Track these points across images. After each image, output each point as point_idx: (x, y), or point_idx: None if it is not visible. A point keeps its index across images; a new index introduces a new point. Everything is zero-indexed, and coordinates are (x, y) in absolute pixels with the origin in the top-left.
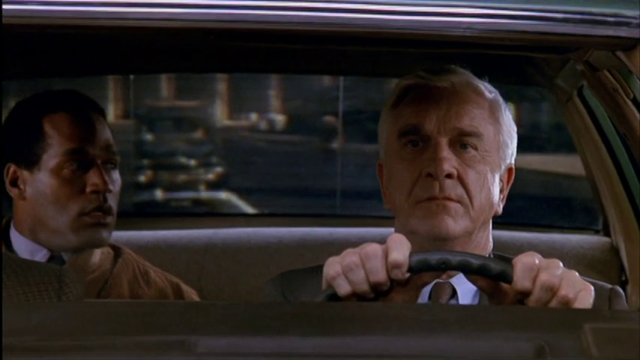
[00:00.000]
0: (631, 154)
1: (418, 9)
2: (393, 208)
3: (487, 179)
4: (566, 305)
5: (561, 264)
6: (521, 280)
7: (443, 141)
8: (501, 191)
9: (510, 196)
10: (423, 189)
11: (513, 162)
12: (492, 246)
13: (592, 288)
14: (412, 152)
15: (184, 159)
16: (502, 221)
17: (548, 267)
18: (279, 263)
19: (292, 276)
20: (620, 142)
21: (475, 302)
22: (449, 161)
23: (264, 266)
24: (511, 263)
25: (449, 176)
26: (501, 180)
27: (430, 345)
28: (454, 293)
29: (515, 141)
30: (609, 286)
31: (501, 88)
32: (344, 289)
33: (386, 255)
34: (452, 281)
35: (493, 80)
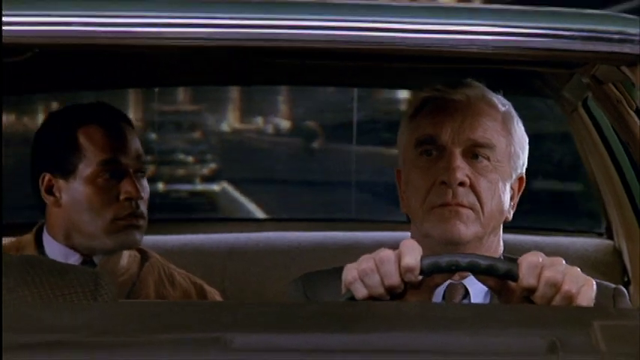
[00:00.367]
0: (633, 161)
1: (438, 27)
2: (409, 213)
3: (498, 188)
4: (569, 299)
5: (564, 261)
6: (526, 278)
7: (457, 151)
8: (512, 199)
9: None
10: (437, 196)
11: (524, 171)
12: (503, 249)
13: (594, 282)
14: (428, 161)
15: (182, 155)
16: (510, 225)
17: (551, 264)
18: (299, 265)
19: (314, 277)
20: (622, 150)
21: (486, 301)
22: (462, 170)
23: (285, 268)
24: (517, 262)
25: (462, 184)
26: (512, 188)
27: (448, 341)
28: (466, 293)
29: (526, 151)
30: (613, 286)
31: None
32: (361, 293)
33: (399, 259)
34: (464, 282)
35: (504, 92)
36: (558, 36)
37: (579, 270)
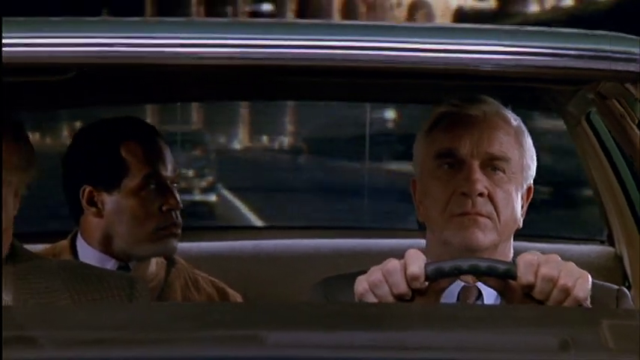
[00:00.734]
0: (633, 172)
1: (455, 47)
2: (427, 221)
3: (512, 198)
4: (566, 292)
5: (559, 258)
6: (524, 276)
7: (475, 163)
8: (521, 207)
9: None
10: (457, 205)
11: (532, 182)
12: (513, 255)
13: (589, 275)
14: (447, 173)
15: (183, 170)
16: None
17: (547, 261)
18: (317, 271)
19: (333, 281)
20: (623, 161)
21: (498, 302)
22: (481, 182)
23: (302, 274)
24: (515, 262)
25: (480, 195)
26: (522, 197)
27: (466, 339)
28: (480, 295)
29: (535, 163)
30: (616, 287)
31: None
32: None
33: (405, 269)
34: (478, 284)
35: (510, 107)
36: (567, 55)
37: (574, 264)
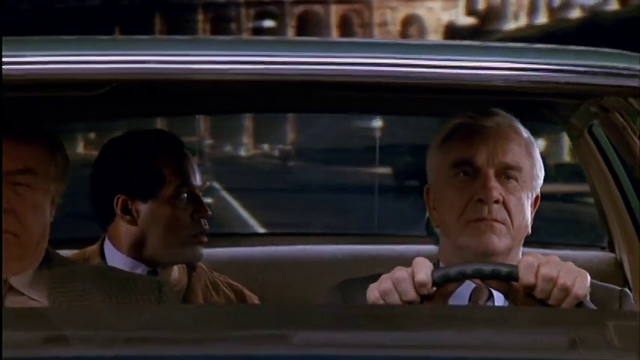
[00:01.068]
0: (633, 181)
1: (467, 64)
2: (442, 226)
3: (524, 205)
4: (566, 291)
5: (558, 259)
6: (526, 277)
7: (491, 172)
8: (530, 214)
9: None
10: (474, 211)
11: (539, 191)
12: None
13: (587, 274)
14: (464, 181)
15: None
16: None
17: (547, 262)
18: (332, 275)
19: (350, 285)
20: (623, 171)
21: (507, 303)
22: (496, 190)
23: (317, 278)
24: (516, 265)
25: (496, 202)
26: (531, 205)
27: (480, 337)
28: (490, 296)
29: (542, 173)
30: (619, 289)
31: None
32: None
33: (413, 276)
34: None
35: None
36: (573, 71)
37: (572, 264)
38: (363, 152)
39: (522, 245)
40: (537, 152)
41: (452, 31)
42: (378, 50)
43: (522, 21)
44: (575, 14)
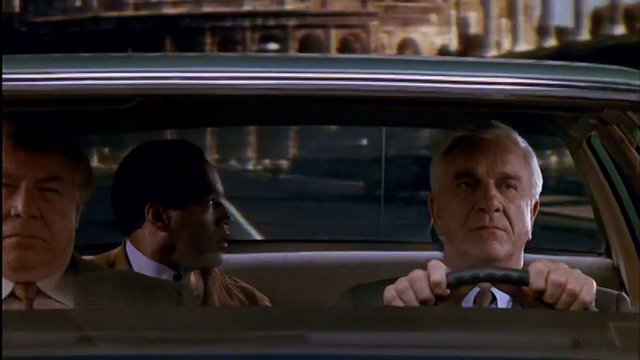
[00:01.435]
0: (630, 190)
1: (476, 79)
2: (446, 234)
3: (524, 212)
4: (574, 296)
5: (566, 266)
6: (536, 282)
7: (491, 182)
8: (530, 220)
9: None
10: (476, 220)
11: (538, 197)
12: (523, 265)
13: (593, 281)
14: (465, 191)
15: None
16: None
17: (556, 269)
18: (342, 281)
19: (361, 289)
20: (620, 180)
21: (510, 306)
22: (497, 199)
23: (327, 283)
24: (527, 270)
25: (497, 210)
26: (530, 211)
27: (488, 338)
28: (494, 299)
29: (541, 181)
30: (616, 293)
31: None
32: None
33: (428, 277)
34: (493, 290)
35: (517, 131)
36: (575, 86)
37: (580, 272)
38: (350, 166)
39: (523, 251)
40: (535, 161)
41: (444, 55)
42: (394, 66)
43: (503, 48)
44: (550, 43)
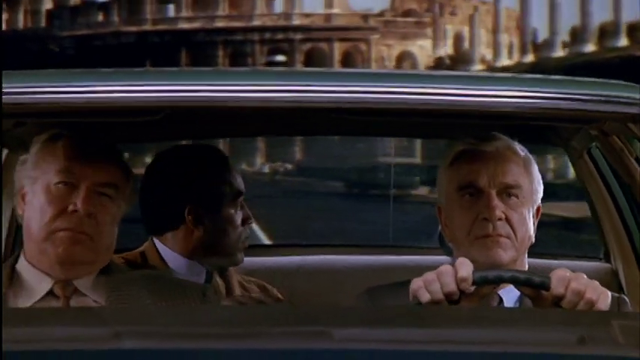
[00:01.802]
0: (628, 198)
1: (486, 92)
2: (454, 242)
3: (526, 219)
4: (591, 305)
5: (585, 276)
6: (557, 288)
7: (493, 192)
8: (533, 225)
9: None
10: (480, 229)
11: (540, 203)
12: (527, 268)
13: (608, 292)
14: (469, 201)
15: None
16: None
17: (576, 278)
18: (356, 283)
19: (376, 291)
20: (619, 189)
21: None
22: (499, 208)
23: (342, 285)
24: (548, 276)
25: (499, 219)
26: (533, 217)
27: (499, 335)
28: (500, 301)
29: (541, 187)
30: (617, 296)
31: None
32: (425, 298)
33: (455, 272)
34: (499, 292)
35: (520, 141)
36: (578, 99)
37: (597, 283)
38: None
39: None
40: (535, 169)
41: (440, 66)
42: (409, 80)
43: (488, 65)
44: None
